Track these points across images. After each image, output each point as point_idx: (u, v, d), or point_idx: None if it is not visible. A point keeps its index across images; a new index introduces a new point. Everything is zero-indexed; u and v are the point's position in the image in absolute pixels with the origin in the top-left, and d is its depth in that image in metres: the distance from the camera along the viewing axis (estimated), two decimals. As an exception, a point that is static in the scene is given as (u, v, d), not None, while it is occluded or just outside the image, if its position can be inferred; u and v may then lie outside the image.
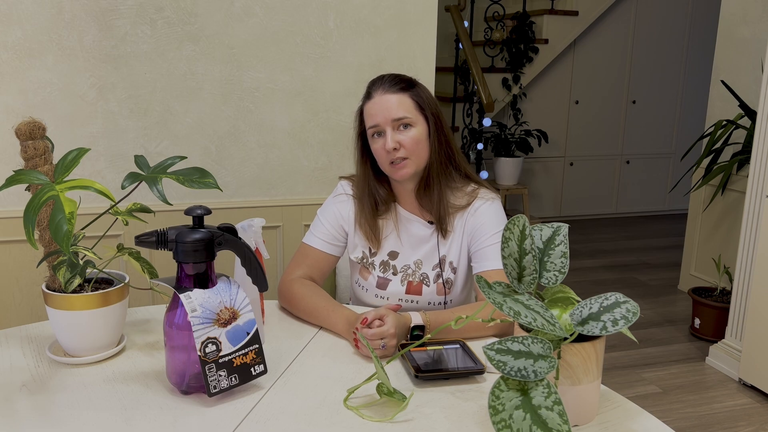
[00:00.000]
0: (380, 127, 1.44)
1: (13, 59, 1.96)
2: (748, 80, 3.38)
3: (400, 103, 1.44)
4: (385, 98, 1.44)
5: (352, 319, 1.31)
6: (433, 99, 1.50)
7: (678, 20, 5.35)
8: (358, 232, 1.56)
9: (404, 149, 1.43)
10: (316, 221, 1.57)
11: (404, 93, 1.45)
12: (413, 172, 1.46)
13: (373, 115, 1.45)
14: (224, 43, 2.14)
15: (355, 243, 1.57)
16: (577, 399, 0.98)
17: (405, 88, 1.46)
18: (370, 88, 1.49)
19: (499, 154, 4.72)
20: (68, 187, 1.08)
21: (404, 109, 1.44)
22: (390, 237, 1.54)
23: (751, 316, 2.57)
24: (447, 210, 1.50)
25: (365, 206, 1.53)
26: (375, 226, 1.53)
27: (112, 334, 1.19)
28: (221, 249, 1.09)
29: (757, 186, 2.62)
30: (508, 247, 1.01)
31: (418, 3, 2.30)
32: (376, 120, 1.45)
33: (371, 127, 1.46)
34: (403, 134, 1.43)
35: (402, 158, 1.44)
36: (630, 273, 4.19)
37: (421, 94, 1.47)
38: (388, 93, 1.45)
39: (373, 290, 1.54)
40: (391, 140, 1.42)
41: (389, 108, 1.43)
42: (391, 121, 1.43)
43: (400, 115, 1.43)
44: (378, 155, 1.47)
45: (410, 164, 1.44)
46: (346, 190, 1.58)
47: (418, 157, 1.45)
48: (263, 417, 1.01)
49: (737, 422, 2.42)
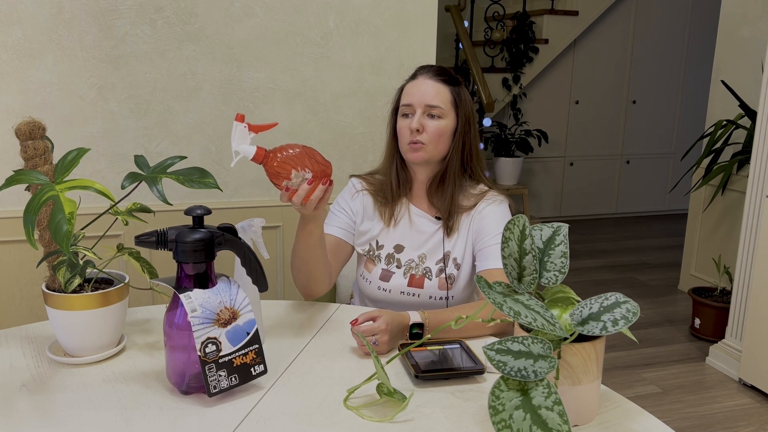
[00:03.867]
0: (412, 108, 1.49)
1: (13, 59, 1.96)
2: (748, 80, 3.38)
3: (438, 92, 1.49)
4: (426, 83, 1.50)
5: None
6: (470, 102, 1.55)
7: (678, 20, 5.35)
8: (366, 224, 1.58)
9: (426, 134, 1.48)
10: (331, 214, 1.61)
11: (445, 85, 1.51)
12: (426, 158, 1.49)
13: (410, 95, 1.50)
14: (224, 43, 2.14)
15: (363, 236, 1.59)
16: (577, 399, 0.98)
17: (448, 81, 1.51)
18: (417, 71, 1.55)
19: (499, 154, 4.72)
20: (68, 187, 1.08)
21: (440, 99, 1.48)
22: (397, 230, 1.57)
23: (751, 316, 2.57)
24: (455, 209, 1.53)
25: (387, 183, 1.57)
26: (393, 205, 1.57)
27: (112, 334, 1.19)
28: (221, 249, 1.09)
29: (757, 186, 2.62)
30: (508, 247, 1.01)
31: (418, 3, 2.30)
32: (411, 99, 1.50)
33: (405, 105, 1.51)
34: (430, 121, 1.48)
35: (420, 142, 1.48)
36: (630, 273, 4.19)
37: (460, 93, 1.52)
38: (431, 80, 1.50)
39: (377, 282, 1.56)
40: (416, 121, 1.47)
41: (427, 92, 1.48)
42: (424, 106, 1.48)
43: (434, 103, 1.48)
44: (401, 133, 1.51)
45: (426, 150, 1.48)
46: (356, 187, 1.62)
47: (436, 147, 1.49)
48: (263, 417, 1.01)
49: (737, 422, 2.42)
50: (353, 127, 2.33)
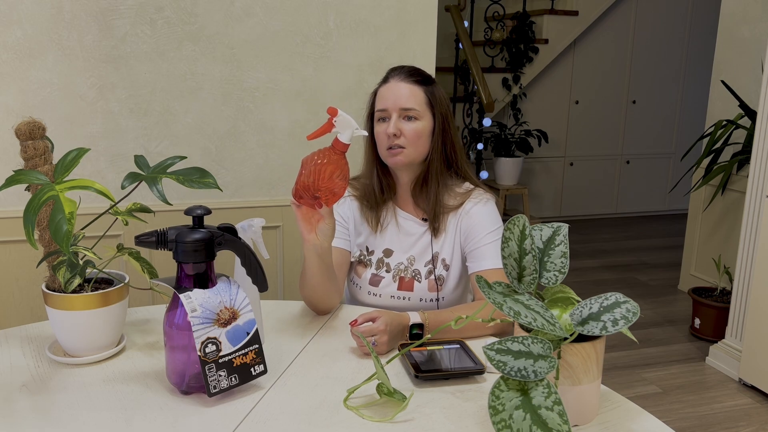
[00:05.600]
0: (387, 113, 1.47)
1: (13, 59, 1.96)
2: (748, 80, 3.38)
3: (412, 93, 1.47)
4: (399, 86, 1.48)
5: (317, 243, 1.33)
6: (446, 100, 1.52)
7: (678, 20, 5.35)
8: (356, 229, 1.58)
9: (404, 138, 1.46)
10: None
11: (419, 86, 1.48)
12: (407, 162, 1.48)
13: (384, 99, 1.48)
14: (224, 43, 2.14)
15: (353, 242, 1.58)
16: (577, 399, 0.98)
17: (421, 81, 1.49)
18: (388, 73, 1.53)
19: (499, 154, 4.72)
20: (68, 187, 1.08)
21: (414, 101, 1.46)
22: (385, 235, 1.56)
23: (751, 316, 2.57)
24: (441, 209, 1.52)
25: (370, 189, 1.55)
26: (378, 210, 1.56)
27: (112, 334, 1.19)
28: (221, 249, 1.09)
29: (757, 186, 2.62)
30: (508, 247, 1.01)
31: (418, 3, 2.30)
32: (385, 104, 1.48)
33: (379, 110, 1.49)
34: (406, 124, 1.46)
35: (399, 146, 1.46)
36: (630, 273, 4.19)
37: (434, 92, 1.50)
38: (404, 82, 1.48)
39: (366, 287, 1.55)
40: (393, 126, 1.45)
41: (400, 96, 1.46)
42: (399, 110, 1.46)
43: (408, 105, 1.46)
44: (379, 139, 1.50)
45: (405, 154, 1.47)
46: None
47: (416, 149, 1.47)
48: (263, 417, 1.01)
49: (737, 422, 2.42)
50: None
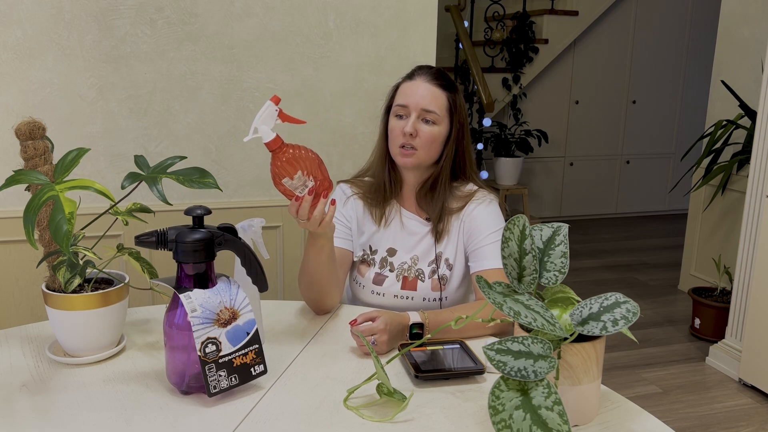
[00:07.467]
0: (407, 110, 1.46)
1: (13, 59, 1.96)
2: (748, 80, 3.38)
3: (435, 97, 1.46)
4: (424, 86, 1.46)
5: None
6: (465, 109, 1.52)
7: (678, 20, 5.35)
8: (359, 229, 1.57)
9: (419, 139, 1.45)
10: None
11: (443, 90, 1.47)
12: (416, 164, 1.48)
13: (407, 96, 1.47)
14: (224, 43, 2.14)
15: (357, 241, 1.58)
16: (577, 399, 0.98)
17: (445, 86, 1.48)
18: (415, 70, 1.51)
19: (499, 154, 4.72)
20: (68, 187, 1.08)
21: (436, 105, 1.46)
22: (389, 233, 1.56)
23: (751, 316, 2.57)
24: (445, 214, 1.52)
25: (380, 184, 1.54)
26: (384, 205, 1.55)
27: (112, 334, 1.19)
28: (221, 249, 1.09)
29: (757, 186, 2.62)
30: (508, 247, 1.01)
31: (418, 3, 2.30)
32: (407, 101, 1.46)
33: (399, 105, 1.47)
34: (424, 126, 1.45)
35: (412, 147, 1.45)
36: (630, 273, 4.19)
37: (456, 99, 1.49)
38: (429, 83, 1.47)
39: (370, 286, 1.55)
40: (411, 125, 1.44)
41: (424, 96, 1.45)
42: (420, 110, 1.45)
43: (430, 108, 1.45)
44: (393, 134, 1.48)
45: (417, 156, 1.46)
46: (346, 193, 1.60)
47: (427, 153, 1.47)
48: (263, 417, 1.01)
49: (737, 422, 2.42)
50: (353, 127, 2.33)
